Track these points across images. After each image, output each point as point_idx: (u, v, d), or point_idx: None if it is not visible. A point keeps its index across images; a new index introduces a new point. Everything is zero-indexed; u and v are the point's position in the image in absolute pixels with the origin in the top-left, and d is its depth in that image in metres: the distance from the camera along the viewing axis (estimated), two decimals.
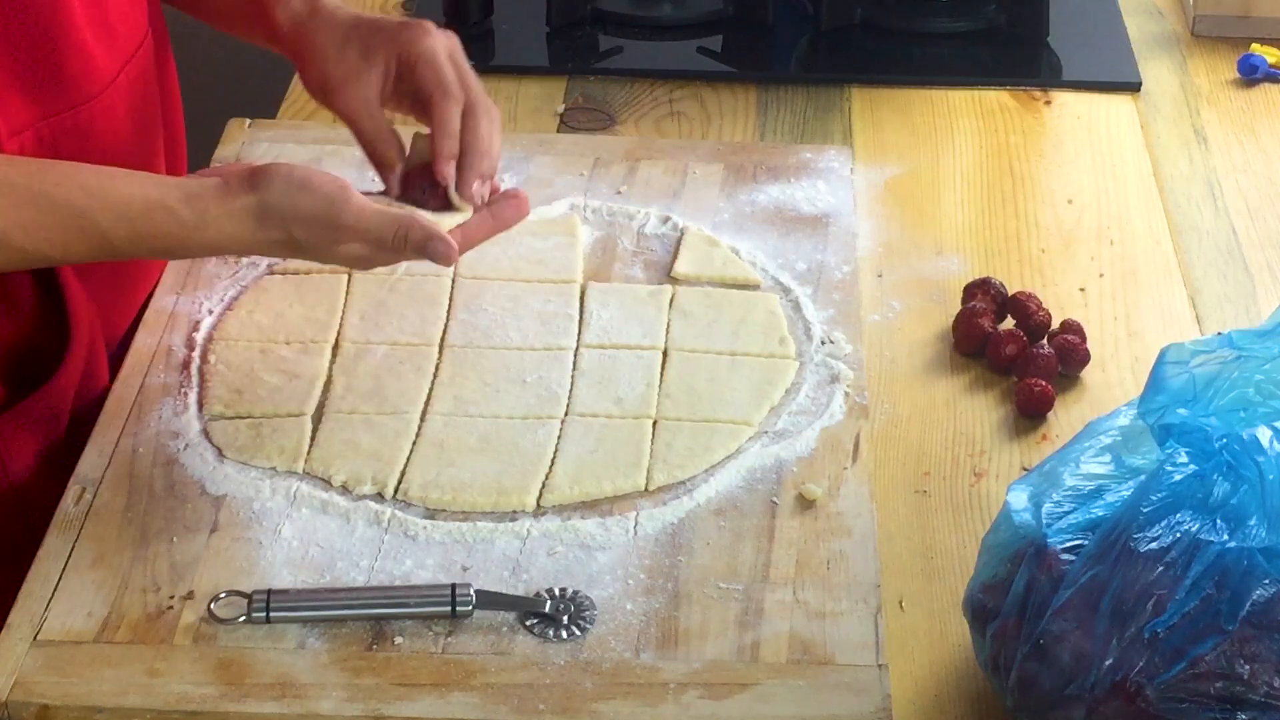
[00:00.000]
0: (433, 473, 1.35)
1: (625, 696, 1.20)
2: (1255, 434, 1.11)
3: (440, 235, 1.32)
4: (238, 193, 1.30)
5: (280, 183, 1.30)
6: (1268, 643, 1.10)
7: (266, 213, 1.30)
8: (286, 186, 1.30)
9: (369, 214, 1.31)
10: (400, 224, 1.31)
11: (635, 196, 1.65)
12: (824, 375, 1.46)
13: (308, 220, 1.30)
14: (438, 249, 1.32)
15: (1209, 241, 1.70)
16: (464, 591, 1.24)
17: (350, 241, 1.32)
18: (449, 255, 1.32)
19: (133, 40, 1.50)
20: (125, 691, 1.19)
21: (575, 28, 1.99)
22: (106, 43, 1.45)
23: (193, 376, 1.44)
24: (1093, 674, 1.12)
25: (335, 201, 1.30)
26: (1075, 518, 1.17)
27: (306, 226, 1.30)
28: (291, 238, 1.31)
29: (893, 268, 1.63)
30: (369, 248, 1.32)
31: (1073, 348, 1.51)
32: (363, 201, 1.31)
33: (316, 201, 1.30)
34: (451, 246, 1.32)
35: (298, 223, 1.30)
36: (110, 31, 1.46)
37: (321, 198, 1.30)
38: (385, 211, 1.32)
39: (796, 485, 1.36)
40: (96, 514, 1.32)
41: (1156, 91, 1.92)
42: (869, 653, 1.23)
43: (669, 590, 1.27)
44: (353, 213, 1.30)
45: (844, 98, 1.90)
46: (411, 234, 1.31)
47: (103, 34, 1.45)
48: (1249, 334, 1.15)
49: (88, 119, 1.44)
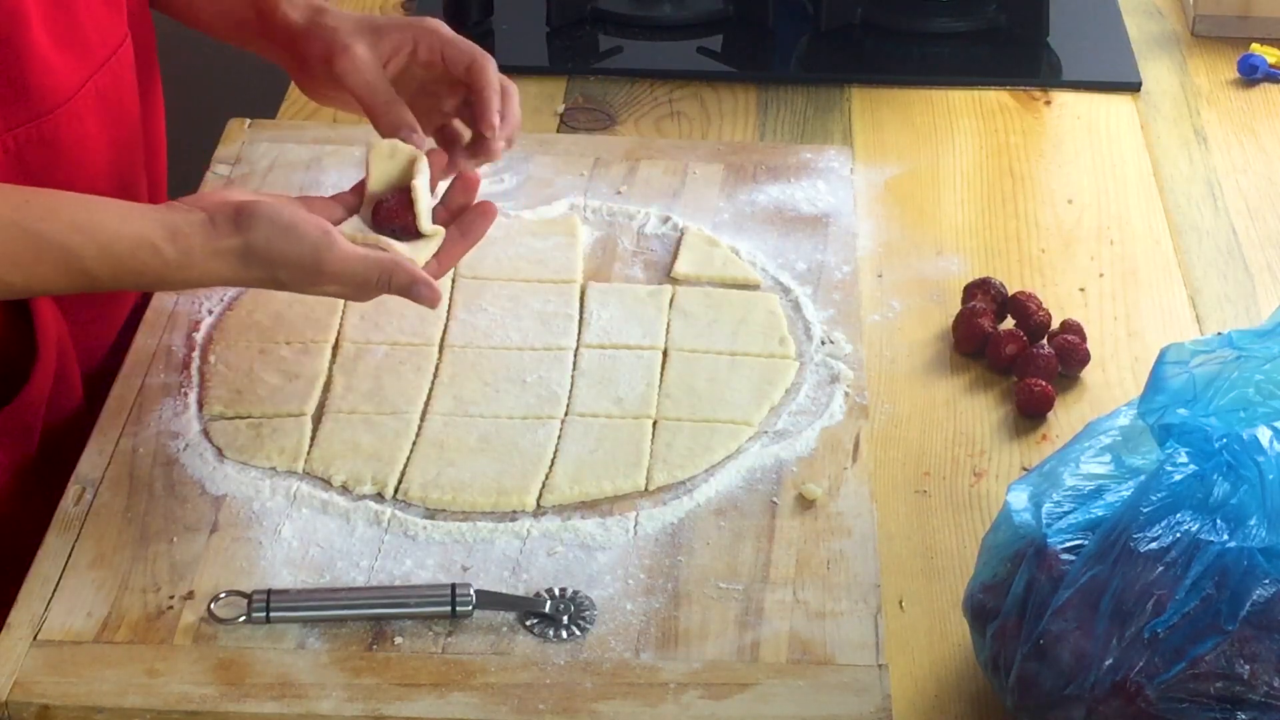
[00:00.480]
0: (433, 473, 1.35)
1: (625, 696, 1.20)
2: (1255, 434, 1.11)
3: (424, 279, 1.34)
4: (223, 234, 1.31)
5: (265, 226, 1.31)
6: (1268, 643, 1.10)
7: (251, 255, 1.31)
8: (271, 231, 1.30)
9: (353, 260, 1.32)
10: (383, 269, 1.33)
11: (635, 196, 1.65)
12: (824, 375, 1.46)
13: (291, 265, 1.31)
14: (422, 293, 1.34)
15: (1209, 241, 1.70)
16: (464, 591, 1.24)
17: (333, 284, 1.33)
18: (433, 299, 1.34)
19: (106, 46, 1.48)
20: (125, 691, 1.19)
21: (575, 28, 1.99)
22: (73, 50, 1.44)
23: (193, 376, 1.44)
24: (1093, 674, 1.12)
25: (319, 248, 1.31)
26: (1075, 518, 1.17)
27: (290, 270, 1.32)
28: (275, 279, 1.33)
29: (893, 268, 1.63)
30: (352, 289, 1.34)
31: (1073, 348, 1.51)
32: (346, 247, 1.32)
33: (301, 248, 1.31)
34: (435, 290, 1.34)
35: (282, 267, 1.31)
36: (78, 39, 1.45)
37: (307, 245, 1.31)
38: (368, 256, 1.33)
39: (796, 485, 1.36)
40: (96, 514, 1.32)
41: (1156, 91, 1.92)
42: (869, 653, 1.23)
43: (669, 590, 1.27)
44: (336, 259, 1.31)
45: (844, 98, 1.90)
46: (395, 278, 1.33)
47: (68, 41, 1.43)
48: (1249, 334, 1.15)
49: (54, 129, 1.43)
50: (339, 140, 1.70)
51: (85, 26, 1.45)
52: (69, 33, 1.43)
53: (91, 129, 1.46)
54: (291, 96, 1.87)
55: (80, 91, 1.45)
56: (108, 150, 1.49)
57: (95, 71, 1.47)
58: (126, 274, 1.31)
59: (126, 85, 1.52)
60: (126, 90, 1.52)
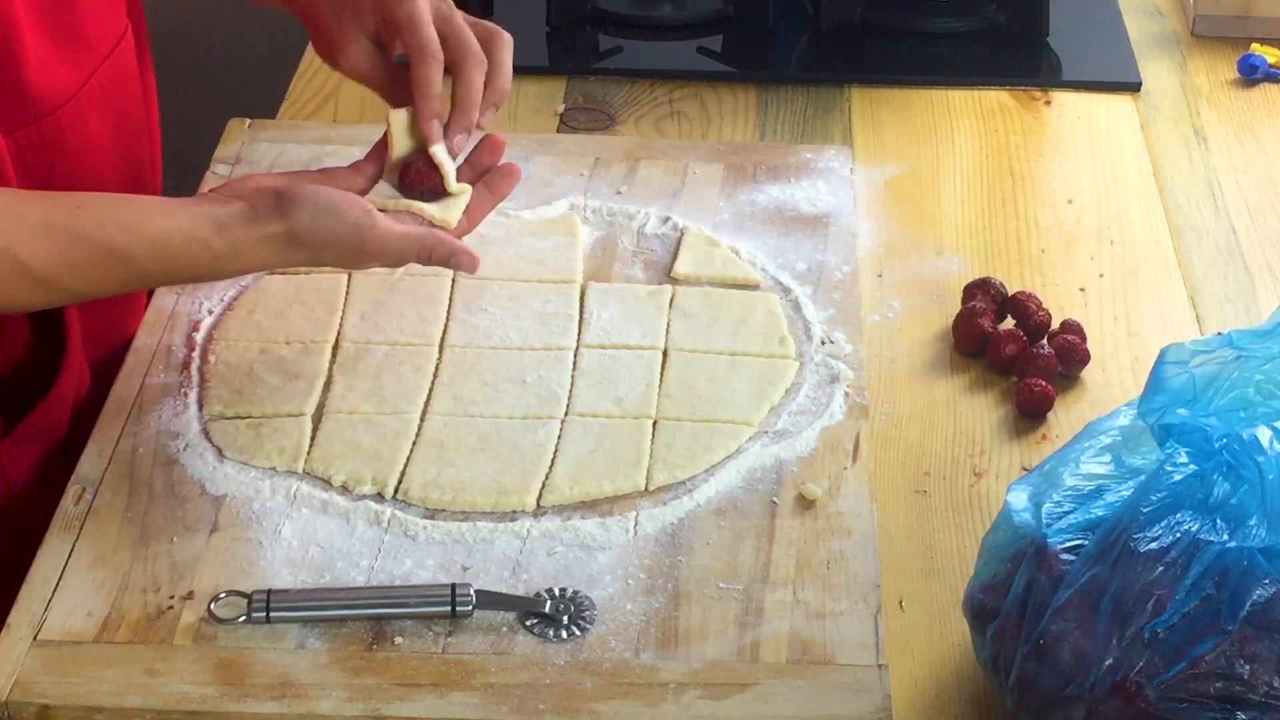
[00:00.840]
0: (433, 473, 1.35)
1: (625, 696, 1.20)
2: (1255, 434, 1.11)
3: (463, 248, 1.37)
4: (266, 220, 1.32)
5: (309, 210, 1.33)
6: (1268, 643, 1.10)
7: (296, 239, 1.33)
8: (314, 214, 1.33)
9: (393, 237, 1.35)
10: (423, 245, 1.36)
11: (635, 196, 1.65)
12: (824, 375, 1.46)
13: (335, 246, 1.34)
14: (462, 262, 1.38)
15: (1209, 241, 1.70)
16: (464, 591, 1.24)
17: (374, 261, 1.36)
18: (473, 266, 1.38)
19: (107, 40, 1.49)
20: (125, 691, 1.19)
21: (575, 28, 1.99)
22: (72, 49, 1.44)
23: (193, 376, 1.44)
24: (1093, 674, 1.12)
25: (361, 228, 1.33)
26: (1075, 518, 1.16)
27: (333, 251, 1.34)
28: (319, 259, 1.35)
29: (893, 268, 1.63)
30: (393, 264, 1.38)
31: (1073, 348, 1.51)
32: (386, 225, 1.35)
33: (344, 229, 1.33)
34: (475, 257, 1.38)
35: (326, 248, 1.34)
36: (77, 36, 1.45)
37: (349, 226, 1.33)
38: (409, 233, 1.36)
39: (796, 485, 1.36)
40: (96, 514, 1.32)
41: (1156, 91, 1.92)
42: (869, 653, 1.23)
43: (669, 590, 1.27)
44: (377, 238, 1.34)
45: (844, 98, 1.90)
46: (436, 252, 1.37)
47: (66, 40, 1.44)
48: (1249, 334, 1.15)
49: (56, 130, 1.43)
50: (339, 140, 1.70)
51: (85, 23, 1.45)
52: (67, 31, 1.43)
53: (96, 126, 1.47)
54: (292, 96, 1.87)
55: (82, 90, 1.45)
56: (114, 145, 1.49)
57: (97, 68, 1.47)
58: (178, 270, 1.33)
59: (130, 78, 1.53)
60: (130, 83, 1.53)
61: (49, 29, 1.42)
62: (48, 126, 1.42)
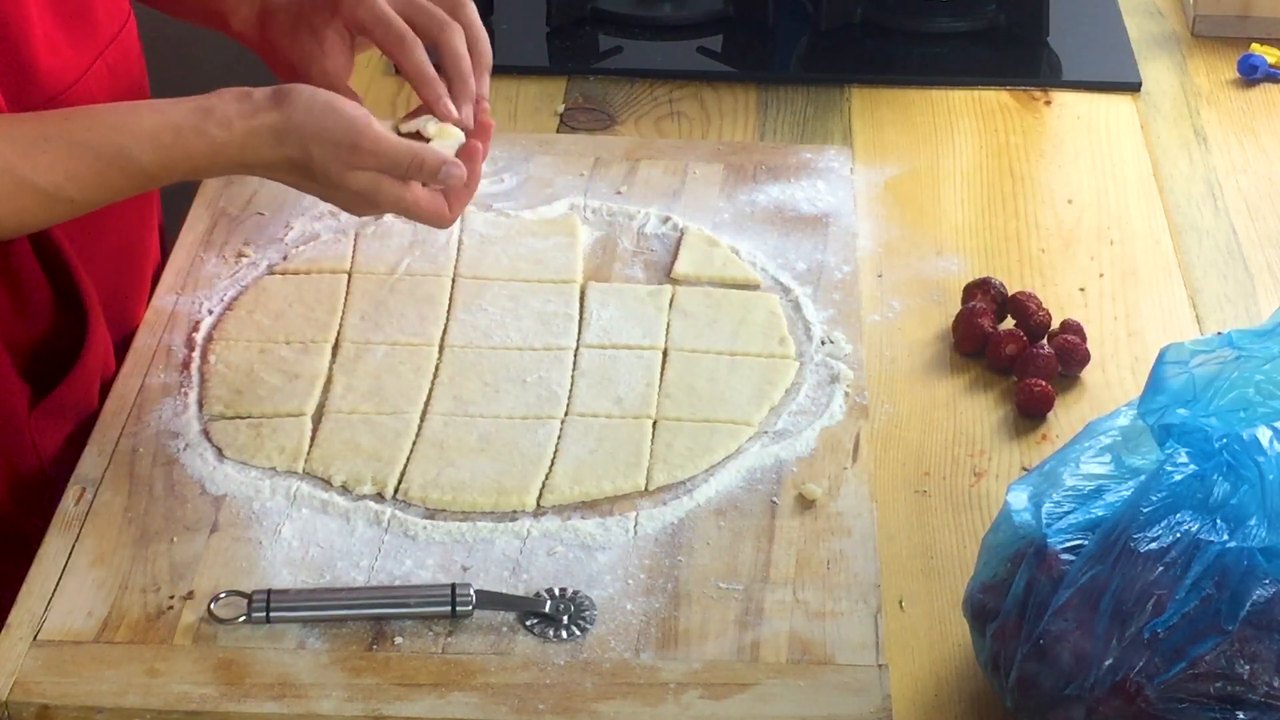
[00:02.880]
0: (433, 473, 1.35)
1: (625, 696, 1.20)
2: (1255, 434, 1.11)
3: (453, 160, 1.37)
4: (261, 109, 1.34)
5: (305, 100, 1.34)
6: (1268, 643, 1.10)
7: (288, 131, 1.34)
8: (311, 105, 1.34)
9: (388, 141, 1.35)
10: (415, 154, 1.36)
11: (635, 196, 1.65)
12: (824, 375, 1.46)
13: (328, 141, 1.34)
14: (453, 172, 1.37)
15: (1209, 241, 1.69)
16: (464, 591, 1.24)
17: (364, 168, 1.35)
18: (462, 177, 1.38)
19: (114, 21, 1.50)
20: (125, 691, 1.19)
21: (575, 28, 1.99)
22: (81, 29, 1.45)
23: (193, 376, 1.44)
24: (1093, 674, 1.12)
25: (358, 124, 1.34)
26: (1075, 518, 1.16)
27: (325, 147, 1.34)
28: (309, 156, 1.34)
29: (893, 268, 1.63)
30: (380, 177, 1.36)
31: (1073, 348, 1.51)
32: (383, 130, 1.35)
33: (340, 122, 1.34)
34: (463, 169, 1.38)
35: (318, 142, 1.34)
36: (85, 15, 1.45)
37: (345, 120, 1.34)
38: (403, 141, 1.36)
39: (796, 485, 1.36)
40: (96, 514, 1.32)
41: (1156, 91, 1.92)
42: (869, 653, 1.23)
43: (669, 590, 1.27)
44: (372, 137, 1.34)
45: (844, 98, 1.90)
46: (427, 161, 1.36)
47: (75, 21, 1.44)
48: (1249, 334, 1.15)
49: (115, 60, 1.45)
50: None
51: (93, 4, 1.46)
52: (75, 11, 1.44)
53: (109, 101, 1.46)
54: None
55: (91, 70, 1.45)
56: None
57: (104, 49, 1.47)
58: (178, 162, 1.34)
59: (135, 59, 1.53)
60: (135, 64, 1.53)
61: (57, 8, 1.42)
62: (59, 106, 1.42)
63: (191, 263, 1.56)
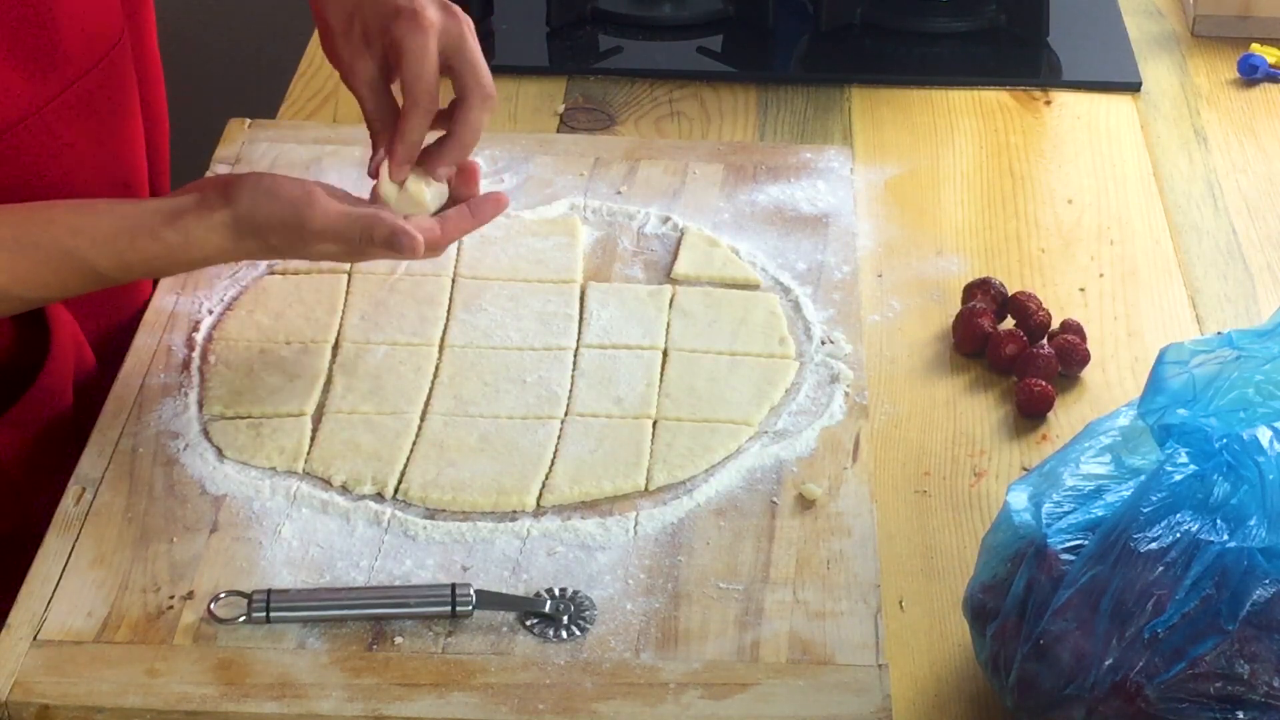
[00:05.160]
0: (433, 473, 1.35)
1: (625, 696, 1.20)
2: (1255, 434, 1.11)
3: (402, 229, 1.33)
4: (213, 207, 1.33)
5: (249, 193, 1.33)
6: (1268, 643, 1.10)
7: (240, 224, 1.33)
8: (254, 196, 1.33)
9: (333, 216, 1.33)
10: (364, 224, 1.33)
11: (635, 196, 1.65)
12: (824, 375, 1.46)
13: (277, 228, 1.33)
14: (402, 242, 1.34)
15: (1209, 241, 1.70)
16: (464, 591, 1.25)
17: (321, 243, 1.34)
18: (414, 247, 1.34)
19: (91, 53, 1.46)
20: (125, 691, 1.19)
21: (575, 28, 1.99)
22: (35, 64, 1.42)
23: (193, 376, 1.44)
24: (1093, 674, 1.12)
25: (299, 207, 1.33)
26: (1075, 518, 1.17)
27: (278, 234, 1.33)
28: (268, 244, 1.34)
29: (893, 268, 1.63)
30: (340, 247, 1.35)
31: (1073, 348, 1.51)
32: (327, 204, 1.33)
33: (283, 208, 1.32)
34: (415, 238, 1.34)
35: (270, 231, 1.33)
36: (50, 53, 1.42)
37: (286, 204, 1.33)
38: (349, 212, 1.34)
39: (796, 485, 1.36)
40: (96, 514, 1.32)
41: (1156, 91, 1.92)
42: (869, 653, 1.23)
43: (669, 590, 1.27)
44: (318, 217, 1.33)
45: (844, 98, 1.90)
46: (376, 231, 1.33)
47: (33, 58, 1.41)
48: (1249, 334, 1.15)
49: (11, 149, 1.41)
50: (339, 140, 1.70)
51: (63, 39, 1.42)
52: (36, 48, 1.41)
53: (68, 139, 1.45)
54: (291, 96, 1.87)
55: (51, 104, 1.43)
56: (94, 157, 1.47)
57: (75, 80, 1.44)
58: (132, 265, 1.33)
59: (120, 87, 1.50)
60: (120, 92, 1.51)
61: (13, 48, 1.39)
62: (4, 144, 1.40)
63: None
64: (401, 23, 1.40)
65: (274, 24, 2.62)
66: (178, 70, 1.96)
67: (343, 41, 1.44)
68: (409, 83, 1.39)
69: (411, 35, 1.39)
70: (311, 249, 1.35)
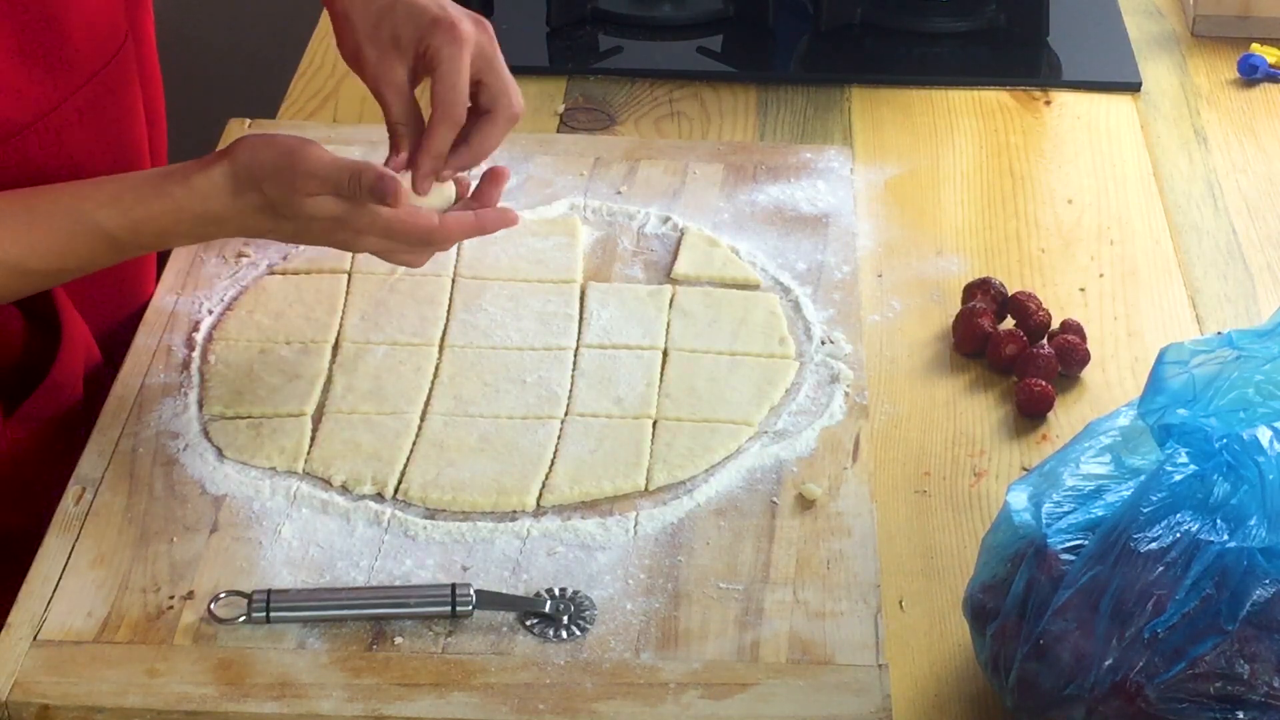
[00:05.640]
0: (433, 473, 1.35)
1: (625, 696, 1.20)
2: (1255, 434, 1.11)
3: (387, 174, 1.34)
4: (213, 162, 1.34)
5: (247, 146, 1.34)
6: (1268, 643, 1.10)
7: (238, 175, 1.33)
8: (253, 145, 1.34)
9: (326, 161, 1.34)
10: (353, 169, 1.34)
11: (635, 196, 1.65)
12: (824, 375, 1.46)
13: (272, 174, 1.33)
14: (384, 187, 1.33)
15: (1209, 241, 1.70)
16: (464, 591, 1.25)
17: (315, 193, 1.34)
18: (396, 193, 1.33)
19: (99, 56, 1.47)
20: (125, 691, 1.19)
21: (575, 28, 1.99)
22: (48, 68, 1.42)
23: (193, 376, 1.44)
24: (1093, 674, 1.12)
25: (294, 152, 1.33)
26: (1075, 518, 1.17)
27: (273, 182, 1.33)
28: (264, 195, 1.34)
29: (893, 268, 1.63)
30: (334, 201, 1.34)
31: (1073, 348, 1.51)
32: (320, 152, 1.34)
33: (277, 154, 1.33)
34: (397, 184, 1.34)
35: (265, 179, 1.33)
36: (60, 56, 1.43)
37: (282, 149, 1.34)
38: (341, 159, 1.34)
39: (796, 485, 1.36)
40: (96, 514, 1.32)
41: (1156, 91, 1.92)
42: (869, 653, 1.23)
43: (669, 590, 1.27)
44: (311, 160, 1.33)
45: (844, 98, 1.90)
46: (364, 176, 1.33)
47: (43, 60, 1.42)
48: (1249, 334, 1.15)
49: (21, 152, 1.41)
50: (339, 140, 1.70)
51: (72, 41, 1.43)
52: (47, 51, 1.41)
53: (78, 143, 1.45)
54: (292, 96, 1.87)
55: (60, 108, 1.43)
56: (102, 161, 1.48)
57: (82, 85, 1.45)
58: (141, 225, 1.34)
59: (125, 91, 1.51)
60: (125, 96, 1.51)
61: (24, 50, 1.40)
62: (11, 148, 1.41)
63: (191, 263, 1.56)
64: (439, 34, 1.40)
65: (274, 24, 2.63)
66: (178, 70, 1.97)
67: (368, 42, 1.44)
68: (441, 95, 1.39)
69: (448, 47, 1.40)
70: (306, 201, 1.34)
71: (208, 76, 2.61)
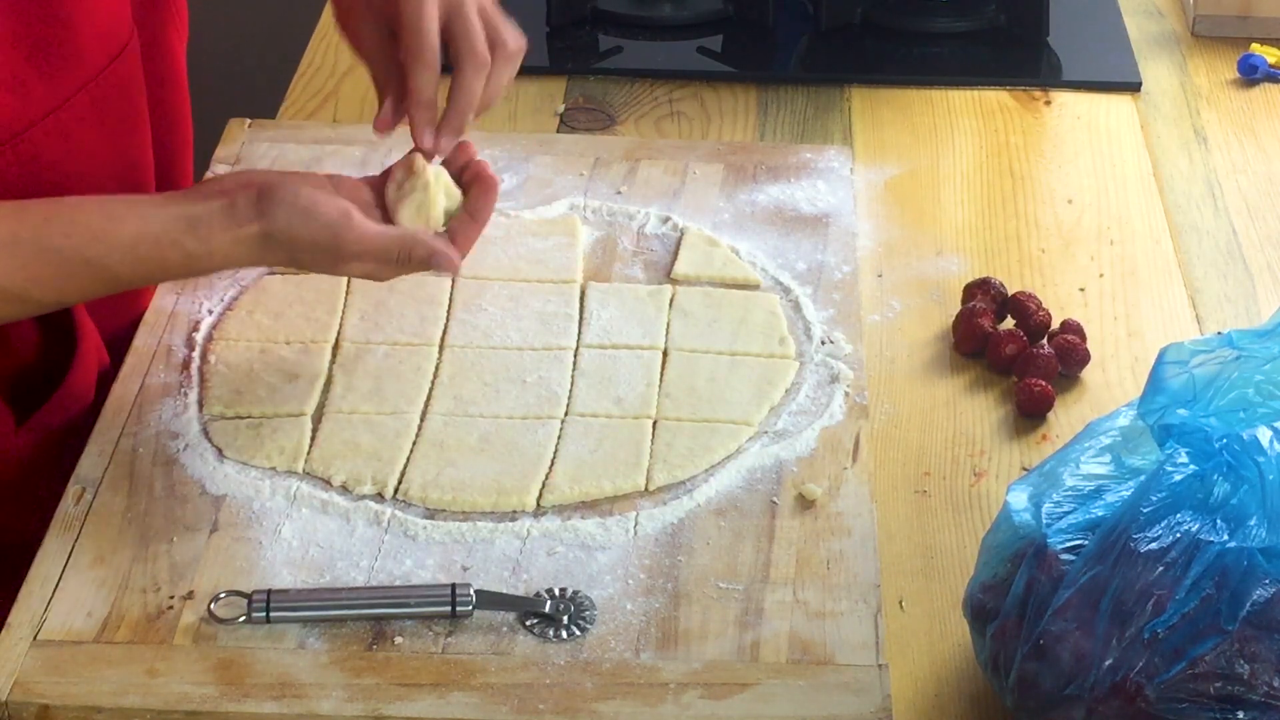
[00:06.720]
0: (433, 473, 1.35)
1: (625, 696, 1.20)
2: (1255, 434, 1.11)
3: (442, 250, 1.34)
4: (243, 220, 1.31)
5: (284, 210, 1.31)
6: (1268, 643, 1.10)
7: (271, 240, 1.31)
8: (290, 214, 1.31)
9: (371, 236, 1.32)
10: (402, 244, 1.34)
11: (635, 196, 1.65)
12: (824, 375, 1.46)
13: (311, 248, 1.32)
14: (442, 263, 1.35)
15: (1209, 241, 1.70)
16: (464, 591, 1.25)
17: (355, 263, 1.34)
18: (453, 267, 1.35)
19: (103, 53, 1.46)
20: (125, 691, 1.19)
21: (575, 28, 1.99)
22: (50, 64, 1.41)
23: (193, 376, 1.44)
24: (1093, 674, 1.12)
25: (337, 229, 1.31)
26: (1075, 518, 1.17)
27: (310, 253, 1.33)
28: (297, 260, 1.34)
29: (893, 268, 1.63)
30: (375, 266, 1.35)
31: (1073, 348, 1.51)
32: (364, 225, 1.32)
33: (319, 230, 1.31)
34: (454, 258, 1.35)
35: (302, 250, 1.32)
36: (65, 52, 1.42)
37: (324, 226, 1.31)
38: (386, 233, 1.34)
39: (796, 485, 1.36)
40: (96, 514, 1.32)
41: (1156, 91, 1.92)
42: (869, 653, 1.23)
43: (669, 590, 1.27)
44: (355, 239, 1.32)
45: (844, 98, 1.90)
46: (415, 251, 1.34)
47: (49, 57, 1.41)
48: (1249, 334, 1.15)
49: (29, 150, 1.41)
50: (339, 140, 1.70)
51: (79, 37, 1.42)
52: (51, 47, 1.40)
53: (85, 140, 1.45)
54: (291, 96, 1.87)
55: (67, 104, 1.43)
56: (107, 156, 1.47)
57: (87, 82, 1.44)
58: (153, 271, 1.33)
59: (131, 89, 1.50)
60: (131, 94, 1.51)
61: (29, 45, 1.39)
62: (21, 145, 1.40)
63: None
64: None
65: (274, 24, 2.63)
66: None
67: (347, 9, 1.45)
68: (407, 41, 1.39)
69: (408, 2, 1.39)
70: (343, 267, 1.34)
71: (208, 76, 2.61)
